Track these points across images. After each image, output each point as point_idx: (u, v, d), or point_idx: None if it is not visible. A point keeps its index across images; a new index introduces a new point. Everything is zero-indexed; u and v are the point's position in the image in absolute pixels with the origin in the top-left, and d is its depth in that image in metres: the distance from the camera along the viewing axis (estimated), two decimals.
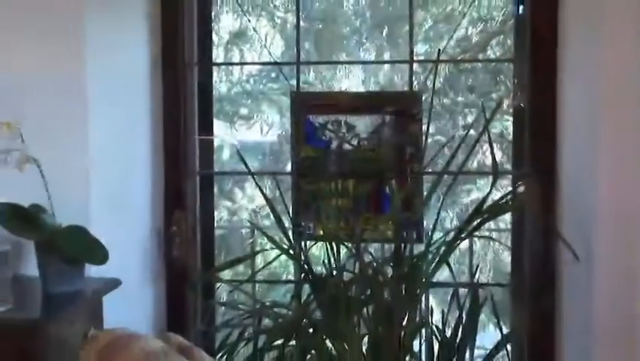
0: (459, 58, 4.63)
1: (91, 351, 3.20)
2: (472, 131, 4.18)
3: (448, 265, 4.05)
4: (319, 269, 4.10)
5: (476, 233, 4.06)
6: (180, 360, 3.04)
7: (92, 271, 4.03)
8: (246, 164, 4.47)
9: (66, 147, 4.08)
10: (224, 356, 3.95)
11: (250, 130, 4.91)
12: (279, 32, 4.95)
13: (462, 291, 4.07)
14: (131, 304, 4.31)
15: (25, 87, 4.02)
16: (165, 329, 4.49)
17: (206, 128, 4.76)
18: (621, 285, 3.82)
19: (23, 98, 3.97)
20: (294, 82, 4.65)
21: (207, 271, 4.79)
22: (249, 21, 4.85)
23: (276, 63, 4.77)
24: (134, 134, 4.56)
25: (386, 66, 4.83)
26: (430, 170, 4.37)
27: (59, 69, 4.11)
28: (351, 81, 4.79)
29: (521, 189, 4.26)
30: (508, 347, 4.28)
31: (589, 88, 3.90)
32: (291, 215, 4.42)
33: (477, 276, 4.40)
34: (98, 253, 3.92)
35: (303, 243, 4.36)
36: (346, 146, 4.43)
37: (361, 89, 4.79)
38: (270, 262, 4.66)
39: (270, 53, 4.94)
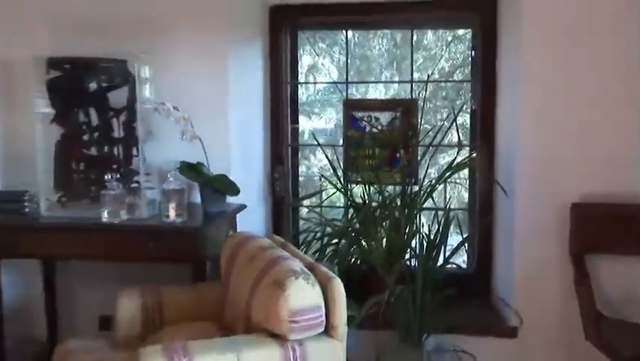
0: (438, 79, 4.68)
1: (229, 245, 3.49)
2: (445, 122, 4.14)
3: (432, 198, 4.09)
4: (358, 200, 4.19)
5: (448, 180, 4.10)
6: (280, 251, 3.15)
7: (230, 199, 4.14)
8: (317, 140, 4.61)
9: (216, 129, 4.21)
10: (304, 249, 4.03)
11: (319, 121, 4.95)
12: (335, 65, 4.98)
13: (440, 213, 4.07)
14: (252, 219, 4.41)
15: (195, 96, 4.15)
16: (271, 232, 4.53)
17: (295, 119, 4.73)
18: (529, 210, 3.90)
19: (193, 103, 4.08)
20: (344, 93, 4.64)
21: (295, 199, 4.77)
22: (319, 58, 4.93)
23: (334, 82, 4.82)
24: (254, 123, 4.59)
25: (396, 84, 4.90)
26: (421, 144, 4.35)
27: (228, 86, 4.25)
28: (376, 93, 4.87)
29: (474, 155, 4.28)
30: (466, 245, 4.37)
31: (513, 98, 4.00)
32: (342, 169, 4.43)
33: (448, 204, 4.25)
34: (234, 189, 4.06)
35: (349, 185, 4.37)
36: (374, 129, 4.43)
37: (381, 97, 4.87)
38: (330, 196, 4.70)
39: (330, 77, 5.00)
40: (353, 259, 4.14)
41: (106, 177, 3.96)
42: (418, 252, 3.92)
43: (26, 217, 4.05)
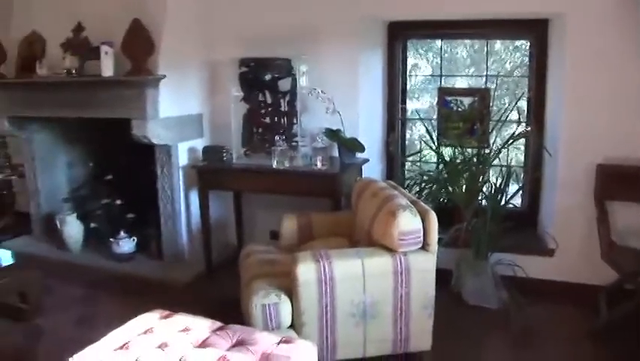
0: (504, 75, 4.59)
1: (357, 185, 3.72)
2: (508, 106, 4.17)
3: (498, 158, 4.12)
4: (446, 157, 4.19)
5: (510, 145, 4.12)
6: (392, 190, 3.29)
7: (358, 155, 4.37)
8: (419, 115, 4.68)
9: (350, 106, 4.35)
10: (408, 190, 3.96)
11: (419, 102, 4.87)
12: (431, 64, 4.87)
13: (503, 168, 4.19)
14: (372, 169, 4.55)
15: (336, 84, 4.31)
16: (386, 178, 4.52)
17: (403, 101, 4.67)
18: (567, 167, 4.00)
19: (335, 88, 4.25)
20: (439, 83, 4.66)
21: (402, 156, 4.72)
22: (418, 58, 4.90)
23: (431, 75, 4.74)
24: (375, 103, 4.62)
25: (474, 78, 4.77)
26: (492, 120, 4.28)
27: (359, 77, 4.40)
28: (460, 83, 4.81)
29: (529, 129, 4.24)
30: (521, 191, 4.37)
31: (558, 89, 4.03)
32: (436, 136, 4.37)
33: (509, 162, 4.32)
34: (361, 148, 4.31)
35: (440, 147, 4.34)
36: (459, 109, 4.43)
37: (464, 86, 4.76)
38: (426, 155, 4.76)
39: (428, 71, 4.96)
40: (442, 199, 4.15)
41: (275, 137, 4.31)
42: (488, 195, 4.03)
43: (224, 163, 4.40)
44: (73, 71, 4.42)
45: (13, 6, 4.99)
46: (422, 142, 4.62)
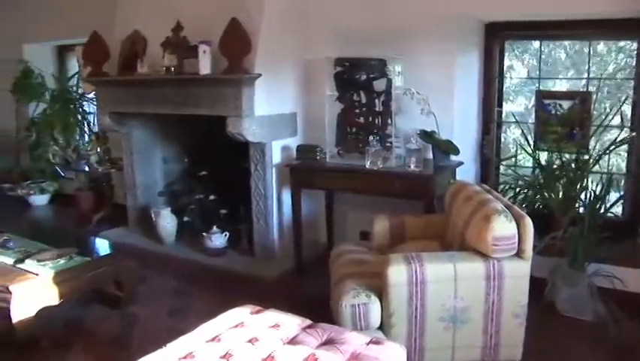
0: (608, 77, 4.44)
1: (451, 188, 3.70)
2: (609, 110, 4.11)
3: (598, 164, 4.08)
4: (543, 162, 4.22)
5: (612, 152, 4.09)
6: (487, 195, 3.28)
7: (452, 157, 4.35)
8: (515, 118, 4.51)
9: (445, 108, 4.33)
10: (502, 195, 3.90)
11: (514, 105, 4.86)
12: (528, 66, 4.86)
13: (604, 176, 4.07)
14: (466, 172, 4.53)
15: (431, 85, 4.31)
16: (480, 181, 4.54)
17: (500, 104, 4.67)
18: None
19: (430, 89, 4.24)
20: (534, 86, 4.63)
21: (497, 160, 4.69)
22: (513, 60, 4.80)
23: (528, 78, 4.73)
24: (471, 104, 4.60)
25: (574, 80, 4.69)
26: (593, 124, 4.17)
27: (455, 79, 4.40)
28: (560, 86, 4.75)
29: (633, 134, 4.15)
30: (621, 200, 4.26)
31: None
32: (533, 139, 4.37)
33: (610, 168, 4.27)
34: (456, 150, 4.30)
35: (537, 151, 4.28)
36: (558, 112, 4.32)
37: (563, 89, 4.71)
38: (521, 159, 4.73)
39: (523, 73, 4.88)
40: (537, 204, 4.12)
41: (369, 138, 4.36)
42: (586, 202, 3.97)
43: (318, 163, 4.52)
44: (172, 69, 4.64)
45: (117, 7, 5.29)
46: (518, 145, 4.60)
